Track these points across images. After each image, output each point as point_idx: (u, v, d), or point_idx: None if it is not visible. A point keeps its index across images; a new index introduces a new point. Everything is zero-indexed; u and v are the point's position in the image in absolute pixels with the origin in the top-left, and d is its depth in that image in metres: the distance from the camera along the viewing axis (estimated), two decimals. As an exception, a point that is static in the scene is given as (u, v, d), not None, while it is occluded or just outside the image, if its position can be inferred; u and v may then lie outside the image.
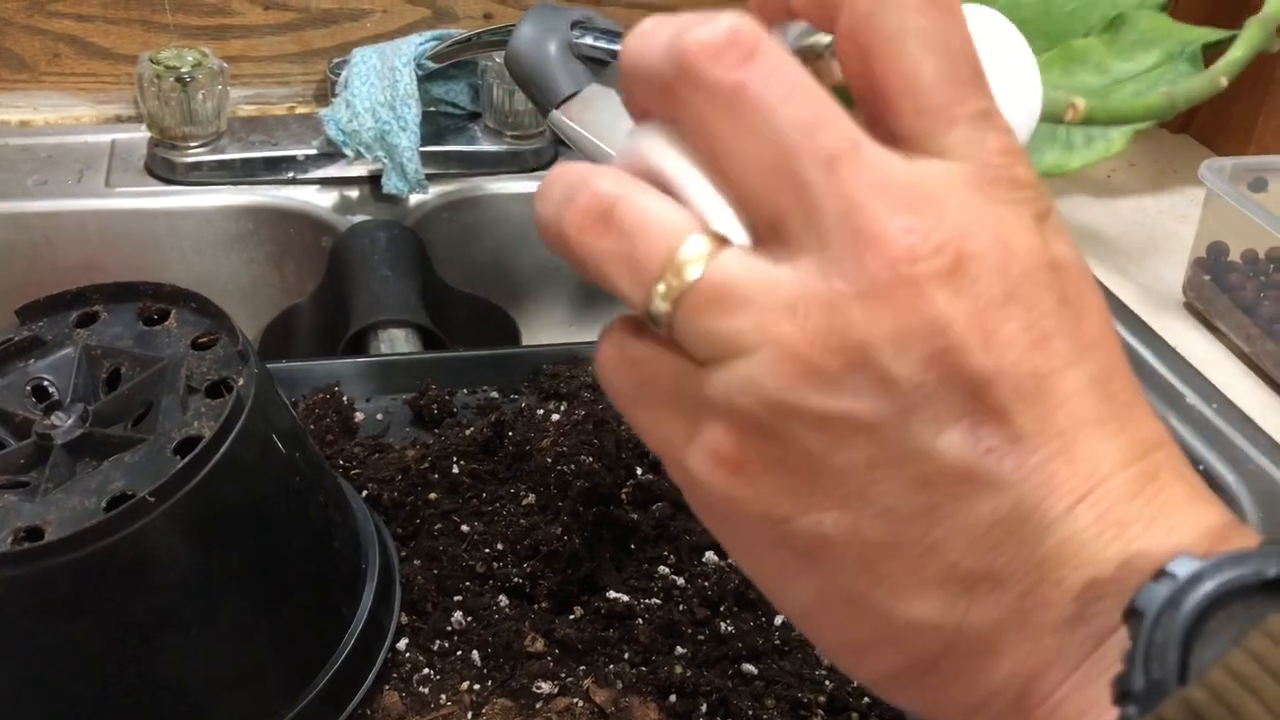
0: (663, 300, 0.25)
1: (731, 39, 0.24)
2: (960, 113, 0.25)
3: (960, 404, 0.24)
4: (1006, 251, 0.24)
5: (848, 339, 0.24)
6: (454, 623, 0.49)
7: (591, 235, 0.25)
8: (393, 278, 0.76)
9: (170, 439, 0.43)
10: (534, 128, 0.86)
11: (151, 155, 0.82)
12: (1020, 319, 0.24)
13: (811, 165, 0.24)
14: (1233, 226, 0.74)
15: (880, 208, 0.24)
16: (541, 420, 0.58)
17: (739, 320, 0.24)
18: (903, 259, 0.23)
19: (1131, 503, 0.24)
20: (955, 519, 0.24)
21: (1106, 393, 0.25)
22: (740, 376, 0.24)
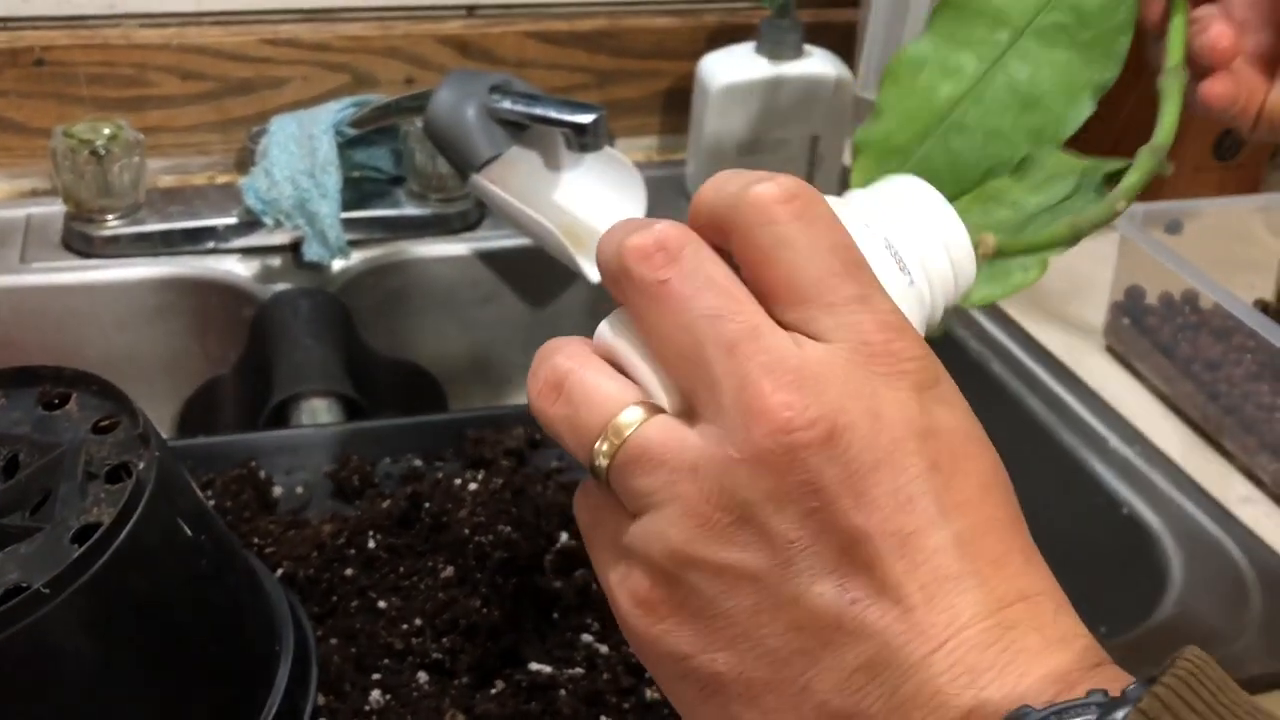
0: (602, 459, 0.30)
1: (660, 243, 0.29)
2: (835, 300, 0.29)
3: (832, 558, 0.27)
4: (877, 423, 0.28)
5: (735, 498, 0.27)
6: (372, 702, 0.48)
7: (546, 402, 0.31)
8: (315, 346, 0.75)
9: (68, 527, 0.41)
10: (458, 190, 0.86)
11: (68, 229, 0.81)
12: (888, 483, 0.27)
13: (715, 349, 0.28)
14: (1148, 270, 0.75)
15: (767, 385, 0.27)
16: (459, 490, 0.58)
17: (653, 479, 0.29)
18: (781, 429, 0.27)
19: (985, 652, 0.27)
20: (826, 661, 0.27)
21: (972, 550, 0.27)
22: (652, 528, 0.29)
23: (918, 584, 0.27)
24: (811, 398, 0.27)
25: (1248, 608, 0.58)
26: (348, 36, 0.89)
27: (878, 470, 0.27)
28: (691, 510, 0.28)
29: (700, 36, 0.96)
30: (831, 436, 0.27)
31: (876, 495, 0.27)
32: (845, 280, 0.29)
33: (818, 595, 0.27)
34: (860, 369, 0.28)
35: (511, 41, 0.92)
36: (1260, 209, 0.83)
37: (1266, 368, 0.68)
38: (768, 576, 0.27)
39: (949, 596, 0.27)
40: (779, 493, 0.27)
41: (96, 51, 0.84)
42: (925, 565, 0.27)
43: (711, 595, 0.28)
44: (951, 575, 0.27)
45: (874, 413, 0.28)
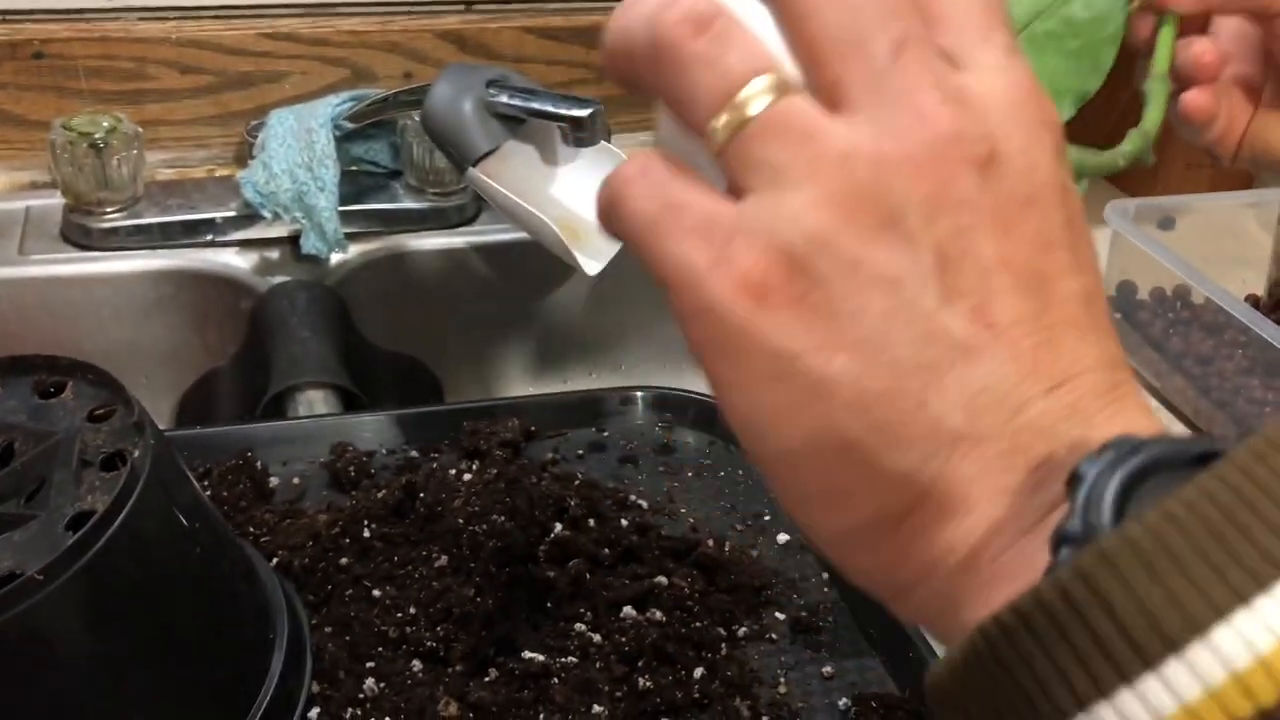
0: (732, 114, 0.27)
1: None
2: (995, 40, 0.28)
3: (971, 280, 0.26)
4: (1032, 161, 0.27)
5: (889, 196, 0.26)
6: (366, 690, 0.49)
7: (689, 34, 0.27)
8: (312, 338, 0.75)
9: (63, 515, 0.42)
10: (455, 184, 0.86)
11: (67, 222, 0.81)
12: (1036, 222, 0.27)
13: (884, 41, 0.27)
14: (1140, 265, 0.76)
15: (935, 94, 0.26)
16: (454, 480, 0.58)
17: (795, 154, 0.26)
18: (949, 139, 0.26)
19: (1098, 399, 0.26)
20: (950, 379, 0.26)
21: (1094, 308, 0.27)
22: (786, 206, 0.26)
23: (1047, 324, 0.26)
24: (977, 116, 0.27)
25: (1237, 600, 0.59)
26: (346, 31, 0.89)
27: (1029, 206, 0.27)
28: (837, 196, 0.26)
29: (697, 32, 0.96)
30: (994, 159, 0.26)
31: (1024, 230, 0.26)
32: (1004, 28, 0.29)
33: (952, 314, 0.26)
34: (1018, 108, 0.27)
35: (509, 36, 0.93)
36: (1252, 205, 0.83)
37: (1258, 363, 0.68)
38: (909, 283, 0.26)
39: (1074, 342, 0.27)
40: (935, 202, 0.26)
41: (96, 44, 0.84)
42: (1057, 308, 0.27)
43: (843, 291, 0.26)
44: (1077, 324, 0.27)
45: (1029, 151, 0.27)
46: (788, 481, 0.28)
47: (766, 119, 0.27)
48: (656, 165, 0.28)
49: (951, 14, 0.28)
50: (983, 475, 0.26)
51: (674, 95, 0.28)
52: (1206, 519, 0.22)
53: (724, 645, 0.53)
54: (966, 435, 0.26)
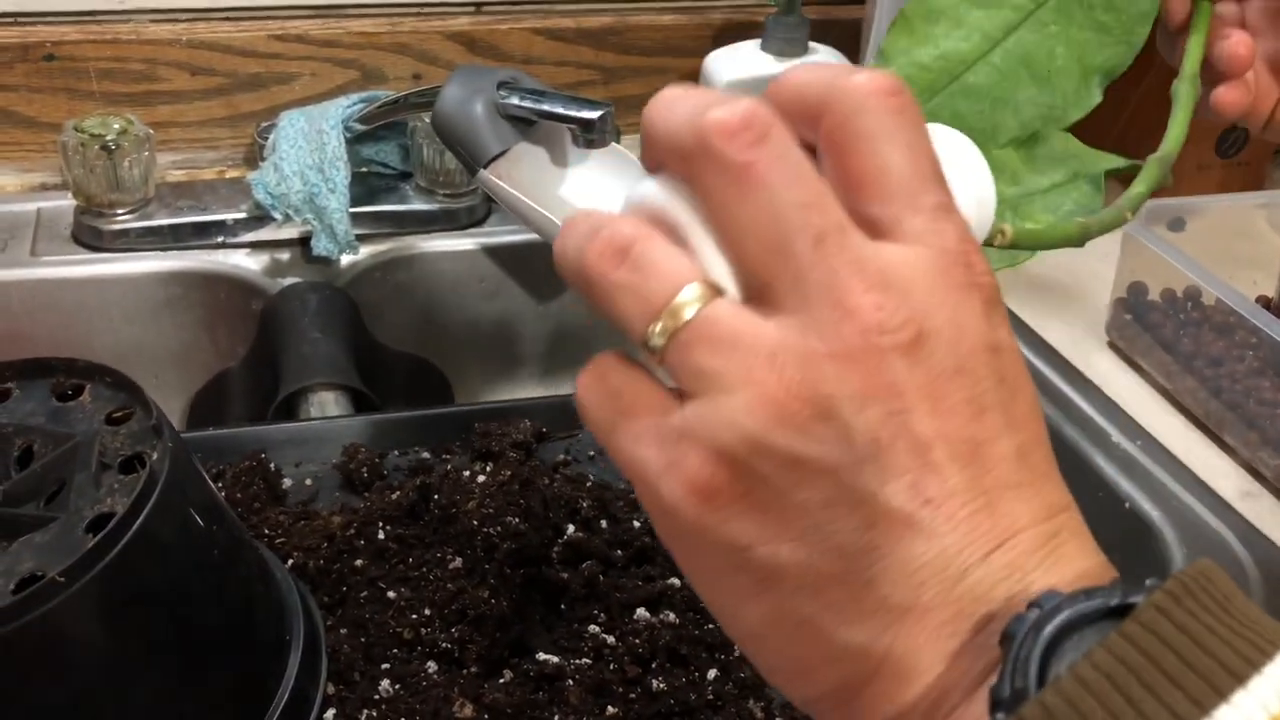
0: (661, 333, 0.28)
1: (747, 122, 0.28)
2: (923, 203, 0.29)
3: (909, 459, 0.27)
4: (959, 331, 0.28)
5: (818, 392, 0.27)
6: (381, 691, 0.49)
7: (609, 265, 0.29)
8: (323, 340, 0.75)
9: (83, 517, 0.42)
10: (466, 186, 0.87)
11: (78, 223, 0.82)
12: (965, 392, 0.28)
13: (803, 240, 0.28)
14: (1151, 267, 0.76)
15: (858, 283, 0.27)
16: (467, 482, 0.58)
17: (725, 360, 0.28)
18: (873, 329, 0.27)
19: (1034, 555, 0.28)
20: (893, 558, 0.27)
21: (1027, 462, 0.29)
22: (722, 412, 0.28)
23: (983, 489, 0.28)
24: (900, 300, 0.27)
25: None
26: (356, 33, 0.89)
27: (958, 377, 0.28)
28: (769, 399, 0.27)
29: (706, 33, 0.96)
30: (919, 340, 0.27)
31: (955, 402, 0.28)
32: (933, 185, 0.29)
33: (891, 494, 0.27)
34: (944, 277, 0.28)
35: (518, 38, 0.93)
36: (1263, 206, 0.83)
37: (1269, 364, 0.68)
38: (844, 472, 0.27)
39: (1010, 503, 0.28)
40: (863, 392, 0.27)
41: (107, 47, 0.84)
42: (991, 474, 0.28)
43: (783, 487, 0.28)
44: (1012, 484, 0.28)
45: (956, 322, 0.28)
46: (757, 656, 0.30)
47: (694, 329, 0.28)
48: (610, 369, 0.30)
49: (879, 180, 0.29)
50: (930, 644, 0.28)
51: (610, 318, 0.30)
52: (1116, 681, 0.24)
53: (737, 647, 0.53)
54: (912, 608, 0.27)
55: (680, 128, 0.29)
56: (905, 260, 0.28)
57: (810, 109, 0.29)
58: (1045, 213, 0.46)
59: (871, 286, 0.27)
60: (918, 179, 0.29)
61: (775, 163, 0.28)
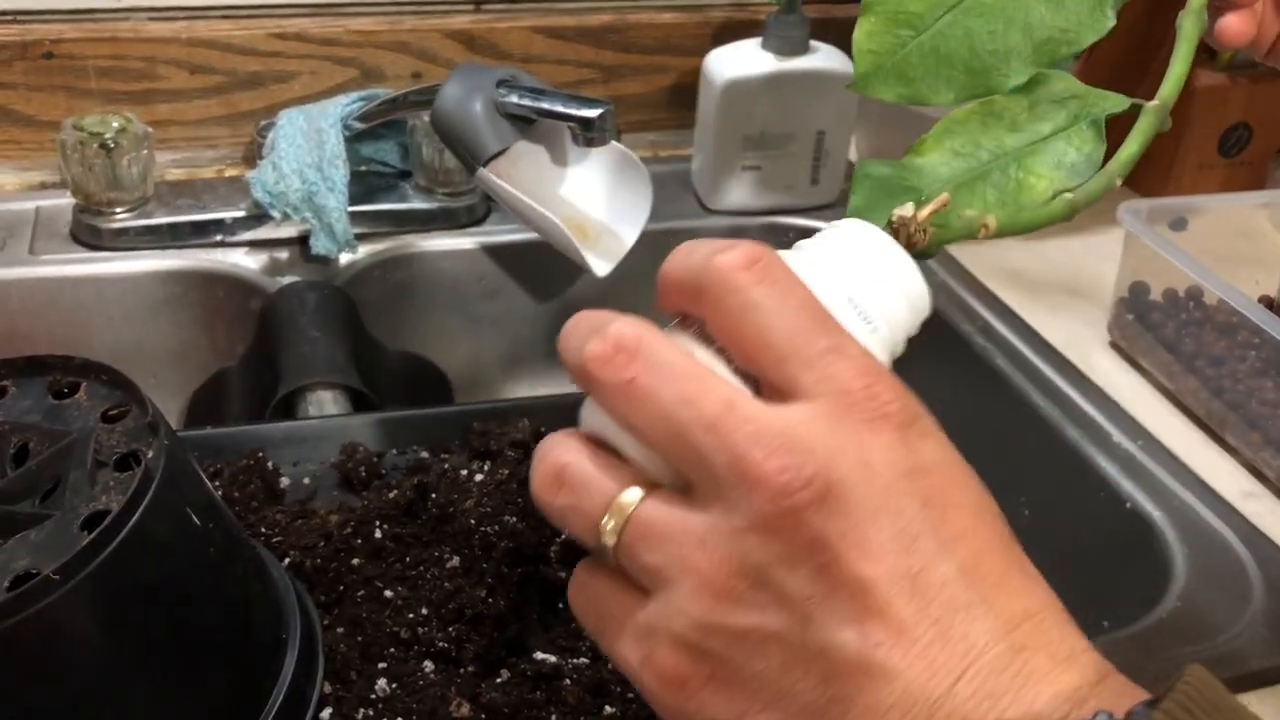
0: (609, 537, 0.31)
1: (618, 345, 0.31)
2: (810, 355, 0.30)
3: (849, 608, 0.28)
4: (869, 471, 0.29)
5: (747, 564, 0.29)
6: (378, 690, 0.49)
7: (550, 494, 0.32)
8: (321, 339, 0.75)
9: (78, 514, 0.42)
10: (465, 185, 0.86)
11: (77, 222, 0.81)
12: (888, 528, 0.29)
13: (697, 431, 0.29)
14: (1152, 266, 0.75)
15: (758, 453, 0.29)
16: (465, 481, 0.58)
17: (663, 554, 0.30)
18: (781, 494, 0.28)
19: (1001, 675, 0.28)
20: (860, 704, 0.28)
21: (974, 577, 0.29)
22: (671, 604, 0.30)
23: (932, 619, 0.28)
24: (803, 457, 0.29)
25: (1250, 602, 0.59)
26: (356, 31, 0.89)
27: (877, 517, 0.29)
28: (706, 582, 0.29)
29: (707, 32, 0.96)
30: (829, 492, 0.28)
31: (881, 541, 0.28)
32: (816, 334, 0.30)
33: (841, 644, 0.28)
34: (843, 420, 0.29)
35: (518, 36, 0.93)
36: (1265, 205, 0.83)
37: (1271, 364, 0.68)
38: (791, 634, 0.29)
39: (962, 626, 0.28)
40: (789, 554, 0.28)
41: (106, 45, 0.84)
42: (936, 601, 0.28)
43: (740, 661, 0.29)
44: (961, 605, 0.28)
45: (864, 462, 0.29)
46: None
47: (632, 531, 0.31)
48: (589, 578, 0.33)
49: (763, 347, 0.31)
50: None
51: (571, 534, 0.33)
52: None
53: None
54: None
55: (573, 363, 0.32)
56: (803, 417, 0.29)
57: (690, 296, 0.32)
58: (1049, 169, 0.45)
59: (771, 453, 0.29)
60: (799, 334, 0.30)
61: (652, 372, 0.30)
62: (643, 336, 0.31)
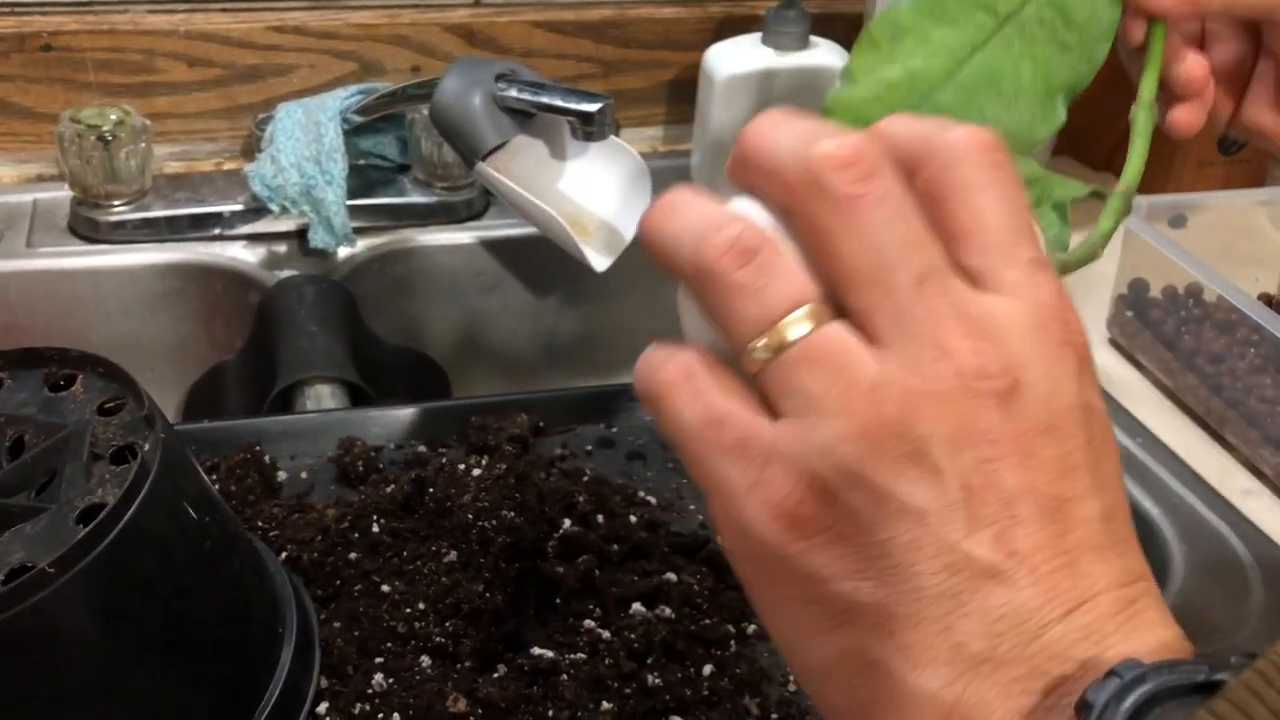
0: (767, 346, 0.28)
1: (856, 156, 0.28)
2: (1019, 257, 0.29)
3: (996, 509, 0.27)
4: (1053, 387, 0.28)
5: (914, 430, 0.27)
6: (375, 685, 0.49)
7: (733, 263, 0.29)
8: (319, 333, 0.75)
9: (73, 508, 0.42)
10: (463, 179, 0.86)
11: (74, 214, 0.81)
12: (1056, 448, 0.28)
13: (906, 276, 0.28)
14: (1152, 263, 0.75)
15: (957, 326, 0.28)
16: (462, 475, 0.58)
17: (828, 385, 0.28)
18: (971, 373, 0.27)
19: (1113, 618, 0.28)
20: (972, 605, 0.27)
21: (1110, 526, 0.28)
22: (819, 438, 0.27)
23: (1066, 547, 0.27)
24: (999, 347, 0.28)
25: (1249, 599, 0.59)
26: (355, 24, 0.89)
27: (1050, 433, 0.28)
28: (866, 430, 0.27)
29: (707, 27, 0.96)
30: (1015, 390, 0.27)
31: (1045, 458, 0.28)
32: (1029, 240, 0.29)
33: (976, 543, 0.27)
34: (1042, 330, 0.28)
35: (518, 31, 0.92)
36: (1264, 203, 0.83)
37: (1270, 361, 0.68)
38: (933, 516, 0.27)
39: (1091, 564, 0.28)
40: (959, 435, 0.27)
41: (104, 37, 0.84)
42: (1075, 532, 0.28)
43: (870, 521, 0.27)
44: (1095, 545, 0.28)
45: (1051, 376, 0.28)
46: (821, 693, 0.30)
47: (803, 348, 0.28)
48: (699, 371, 0.29)
49: (977, 231, 0.29)
50: (1002, 698, 0.27)
51: (716, 315, 0.29)
52: None
53: (733, 643, 0.53)
54: (988, 659, 0.27)
55: (786, 156, 0.29)
56: (1003, 310, 0.28)
57: (908, 159, 0.30)
58: None
59: (970, 331, 0.27)
60: (1014, 233, 0.29)
61: (883, 199, 0.28)
62: (883, 163, 0.29)
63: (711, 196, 0.30)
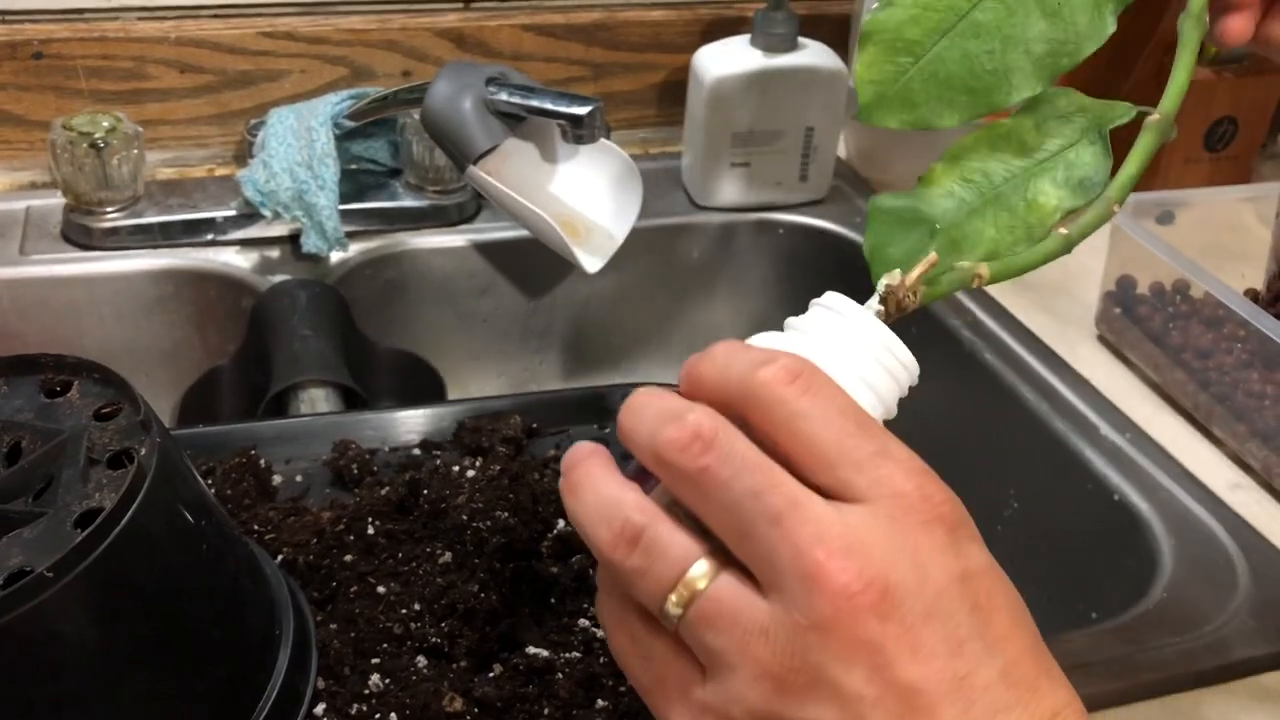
0: (675, 608, 0.32)
1: (694, 434, 0.32)
2: (861, 458, 0.32)
3: (898, 708, 0.30)
4: (922, 575, 0.31)
5: (807, 660, 0.30)
6: (371, 686, 0.49)
7: (621, 554, 0.33)
8: (313, 337, 0.75)
9: (71, 512, 0.42)
10: (455, 182, 0.87)
11: (67, 221, 0.82)
12: (940, 631, 0.30)
13: (763, 524, 0.31)
14: (1140, 260, 0.76)
15: (820, 553, 0.30)
16: (457, 477, 0.58)
17: (727, 638, 0.31)
18: (841, 594, 0.30)
19: None
20: None
21: (1013, 679, 0.31)
22: (732, 689, 0.31)
23: (973, 718, 0.30)
24: (863, 560, 0.30)
25: (1236, 593, 0.59)
26: (345, 29, 0.89)
27: (930, 621, 0.30)
28: (767, 672, 0.31)
29: (695, 29, 0.96)
30: (885, 594, 0.30)
31: (932, 645, 0.30)
32: (863, 438, 0.32)
33: None
34: (899, 523, 0.31)
35: (508, 34, 0.93)
36: (1250, 199, 0.84)
37: (1257, 356, 0.69)
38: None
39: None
40: (847, 653, 0.30)
41: (95, 44, 0.84)
42: (979, 704, 0.30)
43: None
44: (1001, 707, 0.30)
45: (919, 565, 0.31)
46: None
47: (700, 608, 0.32)
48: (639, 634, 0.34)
49: (815, 454, 0.32)
50: None
51: (629, 592, 0.33)
52: None
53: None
54: None
55: (643, 441, 0.33)
56: (859, 519, 0.31)
57: (735, 407, 0.33)
58: (1058, 187, 0.45)
59: (833, 553, 0.30)
60: (846, 439, 0.32)
61: (724, 461, 0.32)
62: (719, 428, 0.32)
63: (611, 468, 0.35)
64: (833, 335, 0.37)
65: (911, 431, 0.87)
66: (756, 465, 0.32)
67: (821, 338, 0.37)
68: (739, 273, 0.93)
